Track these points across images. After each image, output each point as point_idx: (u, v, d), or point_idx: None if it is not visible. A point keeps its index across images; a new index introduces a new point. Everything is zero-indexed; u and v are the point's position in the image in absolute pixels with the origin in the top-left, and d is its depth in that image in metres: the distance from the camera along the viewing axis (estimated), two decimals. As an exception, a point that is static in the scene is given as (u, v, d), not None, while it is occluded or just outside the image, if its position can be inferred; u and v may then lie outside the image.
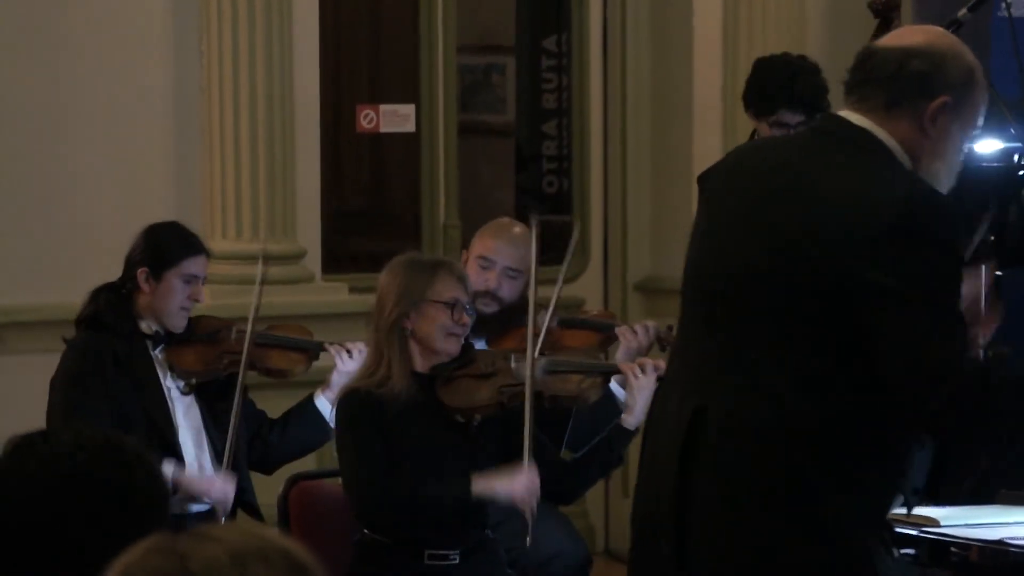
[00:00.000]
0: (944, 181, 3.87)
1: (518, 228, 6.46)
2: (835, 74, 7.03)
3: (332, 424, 5.97)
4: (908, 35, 4.00)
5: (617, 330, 6.36)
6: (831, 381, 3.74)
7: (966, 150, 3.94)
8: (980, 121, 3.92)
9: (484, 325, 6.05)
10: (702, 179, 4.09)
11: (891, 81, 3.85)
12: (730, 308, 3.85)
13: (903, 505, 4.00)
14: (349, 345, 5.98)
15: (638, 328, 6.30)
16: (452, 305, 5.42)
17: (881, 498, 3.86)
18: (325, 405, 6.00)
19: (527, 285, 6.32)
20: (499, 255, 6.28)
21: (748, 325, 3.82)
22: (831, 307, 3.72)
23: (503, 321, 6.17)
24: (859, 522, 3.79)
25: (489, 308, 6.19)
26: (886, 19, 6.76)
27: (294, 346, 6.13)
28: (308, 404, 6.05)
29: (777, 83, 6.67)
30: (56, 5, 7.50)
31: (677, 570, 3.86)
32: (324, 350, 6.08)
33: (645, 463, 4.02)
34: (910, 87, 3.84)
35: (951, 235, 3.78)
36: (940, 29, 4.07)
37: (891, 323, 3.69)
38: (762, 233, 3.83)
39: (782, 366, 3.76)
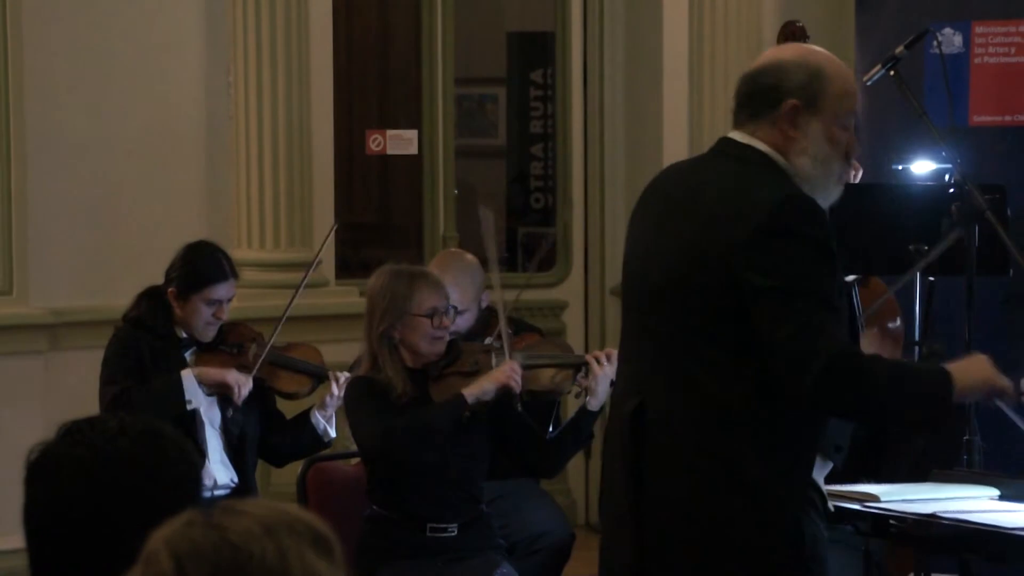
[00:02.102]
0: (812, 173, 3.83)
1: (457, 263, 6.25)
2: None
3: (324, 437, 5.96)
4: (764, 57, 4.02)
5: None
6: (738, 369, 3.73)
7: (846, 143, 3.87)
8: (847, 106, 3.87)
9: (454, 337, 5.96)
10: (649, 185, 4.12)
11: (748, 99, 3.89)
12: (654, 313, 3.86)
13: (831, 462, 3.99)
14: (347, 374, 5.91)
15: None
16: (431, 315, 5.41)
17: (801, 463, 3.83)
18: (319, 421, 5.98)
19: (481, 306, 6.25)
20: None
21: (669, 327, 3.82)
22: (727, 305, 3.72)
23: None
24: (784, 490, 3.77)
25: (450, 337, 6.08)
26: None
27: (303, 370, 6.06)
28: (304, 419, 6.03)
29: None
30: (105, 46, 7.51)
31: (636, 552, 3.85)
32: (327, 377, 6.01)
33: (604, 460, 4.05)
34: (761, 100, 3.86)
35: (814, 233, 3.72)
36: (792, 44, 4.11)
37: (762, 317, 3.67)
38: (671, 244, 3.84)
39: (698, 361, 3.76)
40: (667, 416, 3.81)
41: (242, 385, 5.79)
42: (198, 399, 5.74)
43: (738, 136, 3.90)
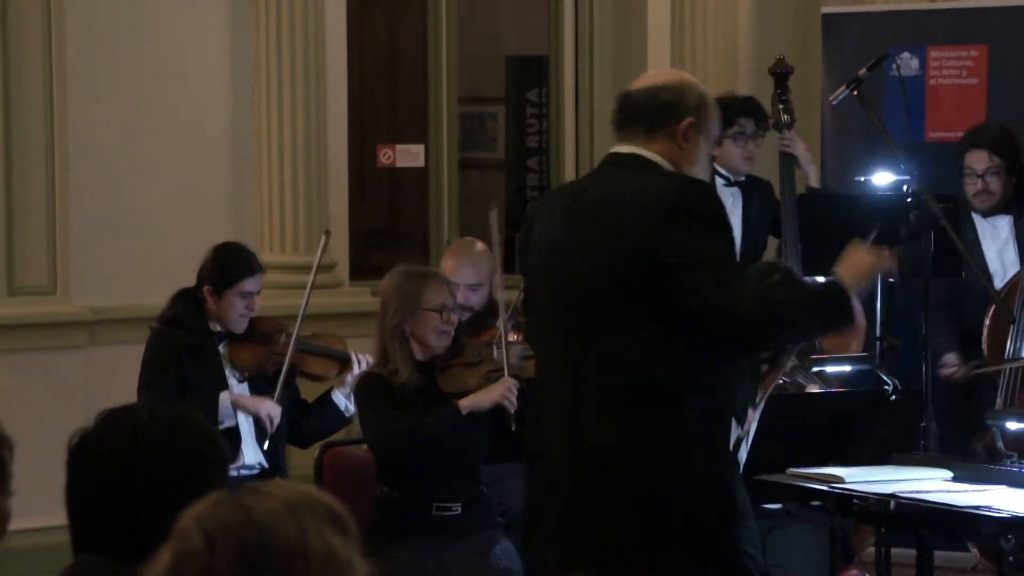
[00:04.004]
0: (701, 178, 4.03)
1: (472, 247, 6.35)
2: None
3: (347, 412, 5.96)
4: (654, 77, 4.11)
5: None
6: (661, 342, 3.83)
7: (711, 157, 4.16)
8: (716, 132, 4.11)
9: (462, 329, 5.98)
10: (532, 209, 4.20)
11: (648, 114, 3.98)
12: (575, 309, 3.93)
13: (736, 422, 4.07)
14: (369, 357, 5.92)
15: None
16: (440, 310, 5.41)
17: (722, 423, 3.97)
18: (340, 399, 5.99)
19: (492, 289, 6.28)
20: (459, 275, 6.18)
21: (593, 318, 3.90)
22: (647, 286, 3.82)
23: (476, 325, 6.09)
24: (712, 448, 3.89)
25: (463, 317, 6.11)
26: (782, 80, 6.77)
27: (329, 355, 6.07)
28: (327, 397, 6.03)
29: (725, 104, 6.67)
30: (142, 67, 7.51)
31: (571, 516, 3.91)
32: (351, 361, 6.03)
33: (531, 448, 4.07)
34: (662, 115, 3.97)
35: (713, 210, 3.91)
36: (675, 70, 4.22)
37: (687, 288, 3.79)
38: (587, 245, 3.93)
39: (625, 341, 3.85)
40: (601, 395, 3.87)
41: (273, 417, 5.79)
42: (230, 421, 5.73)
43: (626, 149, 4.00)
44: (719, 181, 6.56)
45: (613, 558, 3.87)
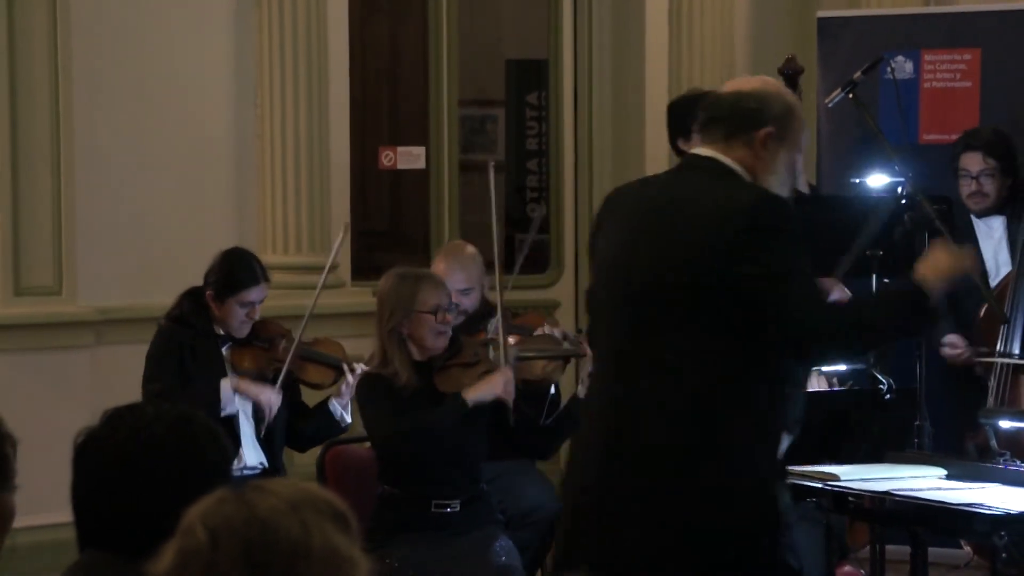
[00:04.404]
0: (777, 190, 3.91)
1: (462, 251, 6.28)
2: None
3: (342, 422, 5.96)
4: (742, 82, 4.05)
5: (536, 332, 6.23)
6: (720, 354, 3.75)
7: (798, 165, 4.05)
8: (804, 144, 4.00)
9: (456, 332, 5.94)
10: (608, 199, 4.10)
11: (728, 118, 3.90)
12: (636, 312, 3.85)
13: (788, 433, 3.99)
14: (363, 366, 5.90)
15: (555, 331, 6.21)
16: (435, 311, 5.40)
17: (773, 436, 3.86)
18: (336, 408, 5.98)
19: (485, 290, 6.25)
20: (450, 280, 6.12)
21: (654, 324, 3.81)
22: (712, 298, 3.74)
23: (470, 327, 6.06)
24: (763, 462, 3.80)
25: (457, 320, 6.06)
26: (792, 80, 6.76)
27: (327, 362, 6.04)
28: (323, 406, 6.02)
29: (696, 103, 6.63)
30: (147, 73, 7.52)
31: (602, 538, 3.84)
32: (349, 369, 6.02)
33: (579, 444, 4.03)
34: (741, 121, 3.88)
35: (788, 225, 3.80)
36: (767, 77, 4.12)
37: (769, 301, 3.71)
38: (654, 249, 3.84)
39: (681, 348, 3.76)
40: (650, 399, 3.78)
41: (273, 405, 5.79)
42: (232, 407, 5.73)
43: (706, 152, 3.91)
44: None
45: (652, 562, 3.80)
